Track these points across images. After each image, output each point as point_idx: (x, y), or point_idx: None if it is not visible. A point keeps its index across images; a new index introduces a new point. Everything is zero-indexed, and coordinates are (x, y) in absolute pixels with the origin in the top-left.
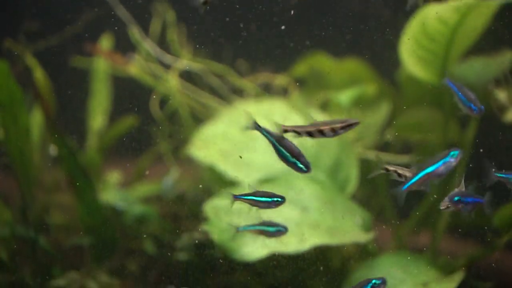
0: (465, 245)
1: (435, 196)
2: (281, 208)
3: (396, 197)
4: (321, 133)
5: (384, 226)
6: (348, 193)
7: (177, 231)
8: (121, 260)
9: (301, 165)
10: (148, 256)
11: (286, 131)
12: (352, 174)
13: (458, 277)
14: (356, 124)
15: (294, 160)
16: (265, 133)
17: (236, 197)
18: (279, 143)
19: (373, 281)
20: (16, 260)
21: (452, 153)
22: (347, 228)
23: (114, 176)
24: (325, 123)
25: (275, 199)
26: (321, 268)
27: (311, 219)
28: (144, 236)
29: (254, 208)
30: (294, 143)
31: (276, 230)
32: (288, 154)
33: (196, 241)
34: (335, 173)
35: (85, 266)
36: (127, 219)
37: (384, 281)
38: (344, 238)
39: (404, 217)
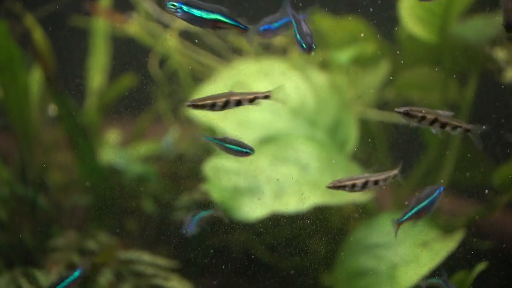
0: (465, 204)
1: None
2: (281, 167)
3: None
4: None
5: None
6: (348, 152)
7: (177, 190)
8: (120, 219)
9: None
10: (147, 215)
11: None
12: (352, 133)
13: (458, 236)
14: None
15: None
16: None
17: (208, 139)
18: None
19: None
20: (15, 219)
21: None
22: None
23: (113, 136)
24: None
25: (244, 149)
26: (321, 227)
27: (310, 179)
28: (144, 195)
29: (254, 167)
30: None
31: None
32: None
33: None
34: (335, 132)
35: (84, 226)
36: (126, 178)
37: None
38: (344, 198)
39: (403, 176)
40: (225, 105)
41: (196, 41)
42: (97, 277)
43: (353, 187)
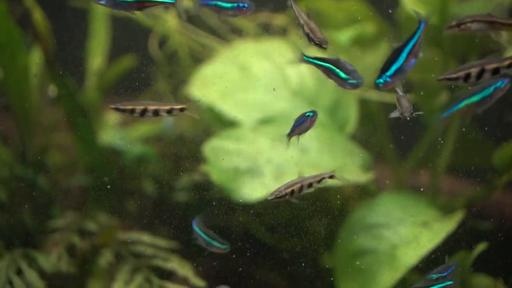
0: (465, 184)
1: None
2: (280, 148)
3: (434, 124)
4: None
5: (383, 166)
6: (348, 133)
7: (177, 171)
8: (120, 200)
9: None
10: (147, 196)
11: None
12: (352, 114)
13: (457, 216)
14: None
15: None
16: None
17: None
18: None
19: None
20: (15, 200)
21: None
22: (347, 168)
23: (113, 116)
24: None
25: (240, 4)
26: (321, 208)
27: (310, 160)
28: (143, 176)
29: (254, 148)
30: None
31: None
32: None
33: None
34: (335, 113)
35: (84, 207)
36: (126, 159)
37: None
38: (344, 178)
39: (403, 157)
40: (143, 113)
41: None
42: (96, 258)
43: (292, 194)
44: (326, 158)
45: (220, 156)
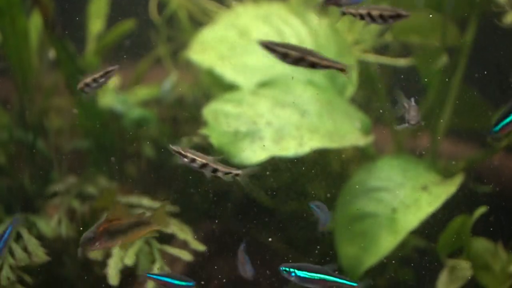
0: (465, 148)
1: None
2: (280, 112)
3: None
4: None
5: (383, 130)
6: (347, 96)
7: (176, 135)
8: (120, 164)
9: None
10: (146, 159)
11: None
12: (351, 78)
13: (457, 180)
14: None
15: None
16: None
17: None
18: None
19: None
20: (14, 164)
21: None
22: (346, 132)
23: (113, 80)
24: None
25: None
26: (320, 171)
27: (310, 123)
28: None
29: (253, 112)
30: None
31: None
32: None
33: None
34: (334, 76)
35: (84, 170)
36: (126, 122)
37: None
38: (343, 142)
39: (403, 120)
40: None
41: None
42: (97, 221)
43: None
44: (325, 121)
45: (220, 120)
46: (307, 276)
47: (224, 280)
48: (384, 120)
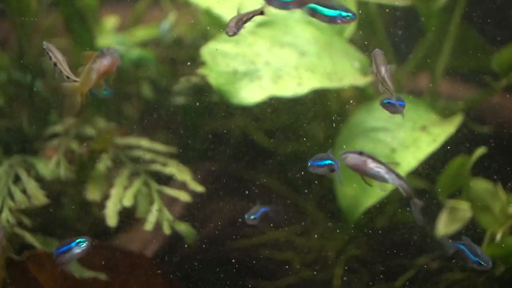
0: (464, 88)
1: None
2: (279, 51)
3: None
4: None
5: None
6: (346, 36)
7: (175, 75)
8: (119, 105)
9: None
10: (145, 100)
11: None
12: None
13: (456, 120)
14: None
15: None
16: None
17: None
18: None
19: None
20: (13, 105)
21: None
22: (345, 72)
23: (111, 21)
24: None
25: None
26: (319, 112)
27: (309, 63)
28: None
29: (252, 51)
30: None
31: None
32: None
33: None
34: None
35: (82, 112)
36: (124, 63)
37: None
38: (342, 82)
39: (402, 60)
40: None
41: None
42: (95, 164)
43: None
44: (324, 61)
45: (218, 60)
46: None
47: (222, 221)
48: None
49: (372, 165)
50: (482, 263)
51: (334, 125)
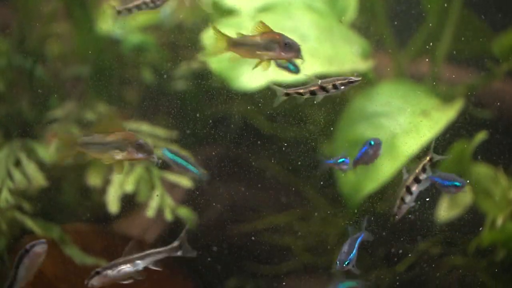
0: (465, 73)
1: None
2: None
3: None
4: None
5: (383, 55)
6: (347, 21)
7: (175, 60)
8: (119, 89)
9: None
10: (146, 85)
11: (288, 94)
12: (351, 2)
13: (457, 105)
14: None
15: None
16: None
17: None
18: None
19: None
20: (13, 90)
21: None
22: (346, 56)
23: (111, 5)
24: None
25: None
26: None
27: (309, 48)
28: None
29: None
30: None
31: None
32: None
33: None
34: (334, 1)
35: (83, 97)
36: (125, 48)
37: None
38: (343, 66)
39: (403, 45)
40: None
41: None
42: None
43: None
44: (325, 46)
45: None
46: None
47: (222, 206)
48: (384, 45)
49: None
50: (458, 183)
51: (334, 110)
